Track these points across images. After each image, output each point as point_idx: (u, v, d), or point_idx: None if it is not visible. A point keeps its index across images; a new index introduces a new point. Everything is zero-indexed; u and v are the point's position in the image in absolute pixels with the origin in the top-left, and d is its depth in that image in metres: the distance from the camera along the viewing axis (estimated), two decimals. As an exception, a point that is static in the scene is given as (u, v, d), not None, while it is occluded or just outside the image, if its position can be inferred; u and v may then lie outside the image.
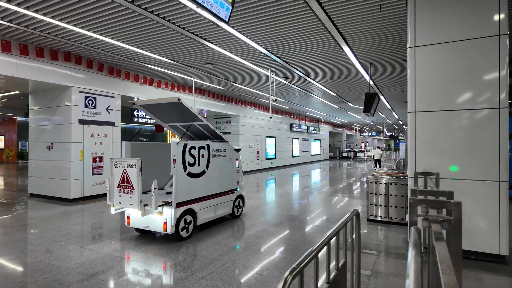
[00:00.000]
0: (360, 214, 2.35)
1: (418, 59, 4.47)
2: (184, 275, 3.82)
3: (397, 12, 5.58)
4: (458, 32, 4.23)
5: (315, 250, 1.50)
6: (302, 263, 1.34)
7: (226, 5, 3.22)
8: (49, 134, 8.99)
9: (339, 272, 1.97)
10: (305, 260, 1.37)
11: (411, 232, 1.83)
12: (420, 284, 1.15)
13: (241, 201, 6.82)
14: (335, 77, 10.70)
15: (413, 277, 1.19)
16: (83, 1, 5.28)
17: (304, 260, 1.36)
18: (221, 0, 3.13)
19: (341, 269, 2.03)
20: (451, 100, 4.29)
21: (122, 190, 4.80)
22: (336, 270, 1.95)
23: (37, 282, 3.61)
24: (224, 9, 3.20)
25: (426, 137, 4.44)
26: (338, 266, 1.97)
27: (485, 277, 3.67)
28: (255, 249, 4.75)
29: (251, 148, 17.44)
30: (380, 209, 6.33)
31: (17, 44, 7.29)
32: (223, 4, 3.15)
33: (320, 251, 1.55)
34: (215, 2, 2.99)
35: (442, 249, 1.41)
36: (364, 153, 35.19)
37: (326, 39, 6.95)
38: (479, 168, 4.14)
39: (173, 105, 5.40)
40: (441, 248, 1.41)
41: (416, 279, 1.18)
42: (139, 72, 10.37)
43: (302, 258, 1.37)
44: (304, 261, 1.36)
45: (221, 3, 3.10)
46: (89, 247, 4.86)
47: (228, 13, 3.31)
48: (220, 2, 3.07)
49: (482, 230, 4.12)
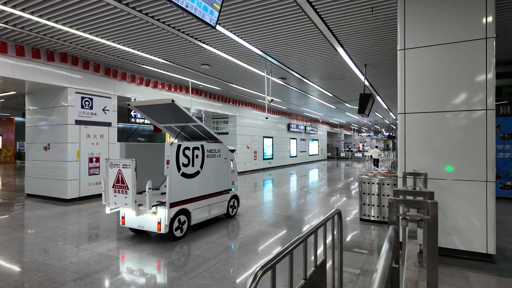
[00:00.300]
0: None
1: (408, 61, 4.55)
2: (177, 274, 3.88)
3: (388, 15, 5.65)
4: (447, 35, 4.31)
5: (289, 247, 1.57)
6: (274, 259, 1.40)
7: (211, 9, 3.26)
8: (46, 135, 9.03)
9: (318, 269, 2.04)
10: (278, 256, 1.43)
11: (389, 230, 1.91)
12: (385, 279, 1.22)
13: (235, 201, 6.89)
14: (331, 78, 10.78)
15: (380, 271, 1.26)
16: (79, 3, 5.34)
17: (276, 257, 1.43)
18: (205, 4, 3.16)
19: (320, 266, 2.10)
20: (440, 101, 4.36)
21: (117, 190, 4.87)
22: (314, 267, 2.01)
23: (31, 281, 3.66)
24: (208, 13, 3.25)
25: (416, 138, 4.51)
26: (317, 263, 2.03)
27: (471, 275, 3.74)
28: (248, 249, 4.82)
29: (248, 148, 17.51)
30: (373, 209, 6.40)
31: (13, 45, 7.34)
32: (207, 8, 3.18)
33: (295, 248, 1.62)
34: (198, 6, 3.03)
35: (412, 247, 1.48)
36: (362, 153, 35.30)
37: (320, 41, 7.02)
38: (467, 169, 4.21)
39: (167, 106, 5.46)
40: (411, 246, 1.48)
41: (383, 274, 1.25)
42: (135, 73, 10.43)
43: (274, 255, 1.44)
44: (276, 257, 1.43)
45: (205, 7, 3.13)
46: (84, 246, 4.91)
47: (214, 17, 3.36)
48: (203, 6, 3.10)
49: (470, 229, 4.19)
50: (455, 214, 4.28)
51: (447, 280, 3.63)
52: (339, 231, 2.42)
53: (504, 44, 7.24)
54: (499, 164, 8.67)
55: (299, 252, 3.67)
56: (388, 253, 1.50)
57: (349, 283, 3.56)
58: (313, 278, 1.93)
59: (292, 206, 8.16)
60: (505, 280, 3.64)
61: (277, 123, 21.34)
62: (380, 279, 1.21)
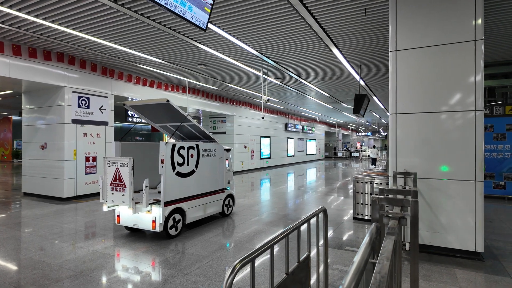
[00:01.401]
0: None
1: (399, 63, 4.62)
2: (171, 271, 3.94)
3: (381, 16, 5.72)
4: (437, 37, 4.38)
5: (270, 242, 1.64)
6: (254, 253, 1.47)
7: (203, 14, 3.32)
8: (43, 134, 9.07)
9: (300, 265, 2.10)
10: (258, 250, 1.50)
11: (371, 226, 1.98)
12: (360, 271, 1.28)
13: (231, 200, 6.95)
14: (327, 78, 10.85)
15: (355, 264, 1.33)
16: (75, 3, 5.38)
17: (256, 251, 1.49)
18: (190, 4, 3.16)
19: (303, 262, 2.17)
20: (430, 102, 4.44)
21: (115, 188, 4.97)
22: (297, 262, 2.08)
23: (26, 278, 3.72)
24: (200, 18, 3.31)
25: (407, 138, 4.59)
26: (300, 259, 2.10)
27: (459, 273, 3.83)
28: (242, 247, 4.89)
29: (245, 148, 17.57)
30: (366, 208, 6.48)
31: (10, 44, 7.37)
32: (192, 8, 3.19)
33: (276, 243, 1.69)
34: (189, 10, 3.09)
35: (388, 243, 1.55)
36: (359, 153, 35.44)
37: (315, 41, 7.09)
38: (456, 168, 4.29)
39: (163, 106, 5.51)
40: (387, 242, 1.55)
41: (358, 266, 1.32)
42: (132, 72, 10.46)
43: (254, 249, 1.50)
44: (256, 251, 1.49)
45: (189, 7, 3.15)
46: (80, 244, 4.97)
47: (205, 21, 3.42)
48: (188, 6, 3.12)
49: (460, 227, 4.28)
50: (445, 213, 4.36)
51: (435, 277, 3.71)
52: (325, 228, 2.48)
53: (497, 46, 7.33)
54: (492, 164, 8.78)
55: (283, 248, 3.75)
56: (366, 248, 1.57)
57: (339, 280, 3.64)
58: (296, 273, 2.00)
59: (289, 205, 8.23)
60: (491, 277, 3.72)
61: (275, 123, 21.41)
62: (354, 271, 1.27)
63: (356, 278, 1.22)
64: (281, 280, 1.83)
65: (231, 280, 1.28)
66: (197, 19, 3.28)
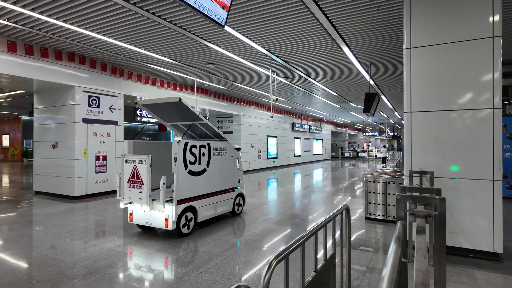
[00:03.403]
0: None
1: (414, 60, 4.56)
2: (185, 270, 3.93)
3: (394, 14, 5.66)
4: (453, 34, 4.31)
5: (301, 239, 1.61)
6: (287, 250, 1.44)
7: (222, 10, 3.32)
8: (54, 133, 9.15)
9: (327, 263, 2.07)
10: (291, 247, 1.47)
11: (397, 226, 1.94)
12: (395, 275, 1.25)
13: (241, 199, 6.93)
14: (336, 77, 10.79)
15: (390, 266, 1.29)
16: (87, 3, 5.41)
17: (289, 247, 1.47)
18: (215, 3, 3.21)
19: (329, 260, 2.14)
20: (446, 100, 4.37)
21: (132, 185, 5.04)
22: (324, 260, 2.05)
23: (43, 275, 3.74)
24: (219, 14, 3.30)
25: (422, 136, 4.52)
26: (326, 257, 2.07)
27: (478, 274, 3.75)
28: (254, 246, 4.86)
29: (252, 148, 17.55)
30: (378, 208, 6.41)
31: (22, 44, 7.45)
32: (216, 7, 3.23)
33: (307, 240, 1.66)
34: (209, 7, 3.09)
35: (421, 240, 1.51)
36: (366, 153, 35.18)
37: (325, 40, 7.04)
38: (474, 167, 4.22)
39: (175, 104, 5.52)
40: (420, 240, 1.51)
41: (393, 267, 1.29)
42: (141, 72, 10.51)
43: (287, 246, 1.48)
44: (289, 248, 1.47)
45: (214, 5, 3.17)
46: (93, 242, 4.99)
47: (224, 17, 3.42)
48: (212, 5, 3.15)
49: (477, 228, 4.20)
50: (461, 213, 4.28)
51: (453, 278, 3.64)
52: (347, 226, 2.45)
53: (509, 44, 7.20)
54: (505, 163, 8.61)
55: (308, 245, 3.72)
56: (397, 248, 1.54)
57: (356, 280, 3.59)
58: (323, 271, 1.97)
59: (297, 205, 8.19)
60: None
61: (282, 123, 21.36)
62: (390, 272, 1.23)
63: (394, 279, 1.19)
64: (310, 277, 1.80)
65: (269, 276, 1.25)
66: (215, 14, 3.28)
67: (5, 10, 5.75)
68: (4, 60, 7.15)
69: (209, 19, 3.27)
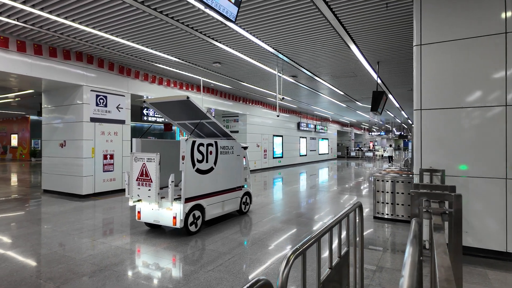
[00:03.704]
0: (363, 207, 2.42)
1: (424, 57, 4.50)
2: (193, 268, 3.93)
3: (404, 10, 5.59)
4: (464, 30, 4.24)
5: (317, 235, 1.59)
6: (304, 245, 1.42)
7: (233, 6, 3.32)
8: (62, 132, 9.23)
9: (342, 260, 2.05)
10: (307, 242, 1.45)
11: (412, 223, 1.90)
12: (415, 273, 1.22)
13: (248, 198, 6.92)
14: (342, 75, 10.71)
15: (409, 266, 1.26)
16: (95, 2, 5.44)
17: (306, 243, 1.45)
18: (228, 1, 3.23)
19: (344, 257, 2.11)
20: (457, 98, 4.30)
21: (141, 183, 5.06)
22: (339, 257, 2.02)
23: (53, 272, 3.77)
24: (230, 9, 3.30)
25: (432, 134, 4.46)
26: (341, 254, 2.04)
27: (490, 273, 3.69)
28: (262, 244, 4.85)
29: (258, 147, 17.53)
30: (386, 207, 6.35)
31: (31, 44, 7.52)
32: (230, 4, 3.25)
33: (322, 236, 1.64)
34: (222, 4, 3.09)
35: (439, 237, 1.47)
36: (372, 153, 34.93)
37: (333, 37, 6.99)
38: (486, 166, 4.14)
39: (182, 103, 5.52)
40: (439, 237, 1.48)
41: (412, 268, 1.25)
42: (148, 71, 10.56)
43: (304, 241, 1.46)
44: (306, 243, 1.45)
45: (228, 4, 3.20)
46: (101, 240, 5.02)
47: (234, 13, 3.41)
48: (227, 3, 3.17)
49: (489, 227, 4.13)
50: (472, 212, 4.22)
51: (466, 277, 3.58)
52: (360, 223, 2.42)
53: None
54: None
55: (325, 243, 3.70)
56: (415, 246, 1.50)
57: (366, 279, 3.55)
58: (337, 268, 1.95)
59: (303, 204, 8.16)
60: (525, 278, 3.58)
61: (287, 122, 21.31)
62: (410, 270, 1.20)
63: (415, 276, 1.16)
64: (326, 274, 1.78)
65: (287, 271, 1.24)
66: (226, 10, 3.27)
67: (15, 9, 5.81)
68: (14, 60, 7.23)
69: (220, 14, 3.27)
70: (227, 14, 3.33)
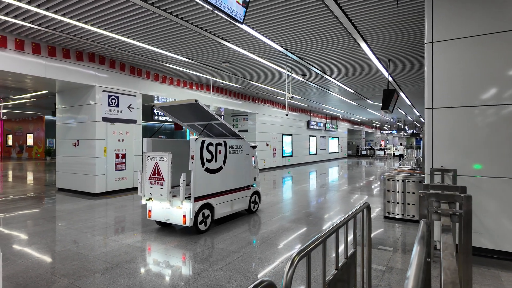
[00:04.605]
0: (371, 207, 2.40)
1: (435, 55, 4.42)
2: (203, 266, 3.98)
3: (414, 7, 5.50)
4: (476, 27, 4.15)
5: (323, 236, 1.59)
6: (309, 246, 1.43)
7: (240, 7, 3.34)
8: (75, 132, 9.44)
9: (348, 261, 2.04)
10: (312, 244, 1.46)
11: (420, 224, 1.88)
12: (421, 274, 1.21)
13: (257, 197, 6.95)
14: (352, 73, 10.61)
15: (415, 265, 1.26)
16: (107, 4, 5.54)
17: (311, 244, 1.46)
18: (235, 2, 3.25)
19: (350, 258, 2.10)
20: (470, 96, 4.22)
21: (153, 182, 5.18)
22: (345, 258, 2.02)
23: (67, 269, 3.87)
24: (238, 10, 3.32)
25: (444, 133, 4.39)
26: (347, 254, 2.04)
27: (503, 275, 3.62)
28: (271, 243, 4.86)
29: (267, 146, 17.53)
30: (397, 207, 6.28)
31: (45, 46, 7.71)
32: (238, 6, 3.28)
33: (328, 237, 1.64)
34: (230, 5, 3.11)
35: (447, 238, 1.46)
36: (384, 151, 34.47)
37: (342, 35, 6.93)
38: (500, 165, 4.06)
39: (191, 106, 5.58)
40: (447, 238, 1.47)
41: (418, 268, 1.25)
42: (158, 71, 10.68)
43: (309, 242, 1.47)
44: (311, 245, 1.45)
45: (236, 5, 3.22)
46: (113, 238, 5.12)
47: (242, 14, 3.43)
48: (235, 4, 3.20)
49: (502, 228, 4.04)
50: (485, 212, 4.13)
51: (478, 279, 3.52)
52: (368, 224, 2.41)
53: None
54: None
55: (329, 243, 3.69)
56: (422, 247, 1.49)
57: (375, 279, 3.53)
58: (344, 269, 1.95)
59: (312, 204, 8.13)
60: (541, 281, 3.49)
61: (297, 120, 21.23)
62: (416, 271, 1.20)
63: (420, 278, 1.16)
64: (332, 275, 1.78)
65: (292, 273, 1.25)
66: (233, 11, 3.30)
67: (30, 12, 5.96)
68: (29, 62, 7.43)
69: (228, 15, 3.29)
70: (235, 15, 3.35)
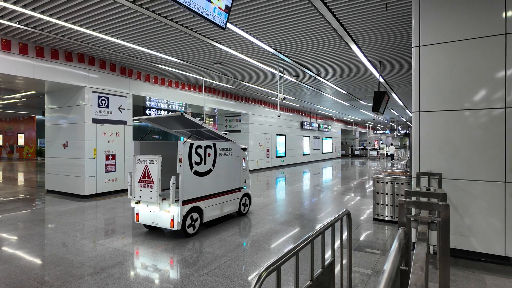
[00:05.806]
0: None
1: (422, 59, 4.44)
2: (189, 270, 3.95)
3: (403, 11, 5.53)
4: (463, 31, 4.18)
5: (295, 249, 1.58)
6: (279, 260, 1.42)
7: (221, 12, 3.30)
8: (65, 133, 9.32)
9: (325, 270, 2.04)
10: (283, 258, 1.45)
11: (398, 231, 1.89)
12: (391, 281, 1.21)
13: (247, 199, 6.93)
14: (345, 75, 10.64)
15: (387, 274, 1.25)
16: (95, 5, 5.47)
17: (281, 258, 1.44)
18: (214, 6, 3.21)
19: (327, 268, 2.10)
20: (456, 100, 4.25)
21: (143, 185, 5.17)
22: (322, 268, 2.01)
23: (50, 275, 3.81)
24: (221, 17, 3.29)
25: (431, 137, 4.41)
26: (324, 264, 2.03)
27: (488, 279, 3.65)
28: (260, 247, 4.85)
29: (261, 146, 17.52)
30: (386, 209, 6.31)
31: (33, 46, 7.59)
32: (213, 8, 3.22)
33: (301, 250, 1.63)
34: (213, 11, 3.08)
35: (420, 250, 1.46)
36: (377, 151, 34.70)
37: (333, 38, 6.94)
38: (484, 169, 4.09)
39: (177, 117, 5.56)
40: (420, 249, 1.46)
41: (389, 276, 1.25)
42: (150, 72, 10.60)
43: (280, 256, 1.45)
44: (282, 258, 1.44)
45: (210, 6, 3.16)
46: (100, 242, 5.07)
47: (224, 19, 3.40)
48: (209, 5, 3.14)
49: (488, 231, 4.08)
50: (471, 215, 4.17)
51: (462, 283, 3.55)
52: (348, 232, 2.40)
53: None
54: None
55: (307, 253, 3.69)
56: (396, 255, 1.49)
57: (360, 284, 3.54)
58: (320, 279, 1.94)
59: (305, 205, 8.14)
60: (524, 284, 3.53)
61: (290, 121, 21.25)
62: (386, 281, 1.20)
63: None
64: (306, 286, 1.77)
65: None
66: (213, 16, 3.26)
67: (16, 12, 5.86)
68: (17, 62, 7.31)
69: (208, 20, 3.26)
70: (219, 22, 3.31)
